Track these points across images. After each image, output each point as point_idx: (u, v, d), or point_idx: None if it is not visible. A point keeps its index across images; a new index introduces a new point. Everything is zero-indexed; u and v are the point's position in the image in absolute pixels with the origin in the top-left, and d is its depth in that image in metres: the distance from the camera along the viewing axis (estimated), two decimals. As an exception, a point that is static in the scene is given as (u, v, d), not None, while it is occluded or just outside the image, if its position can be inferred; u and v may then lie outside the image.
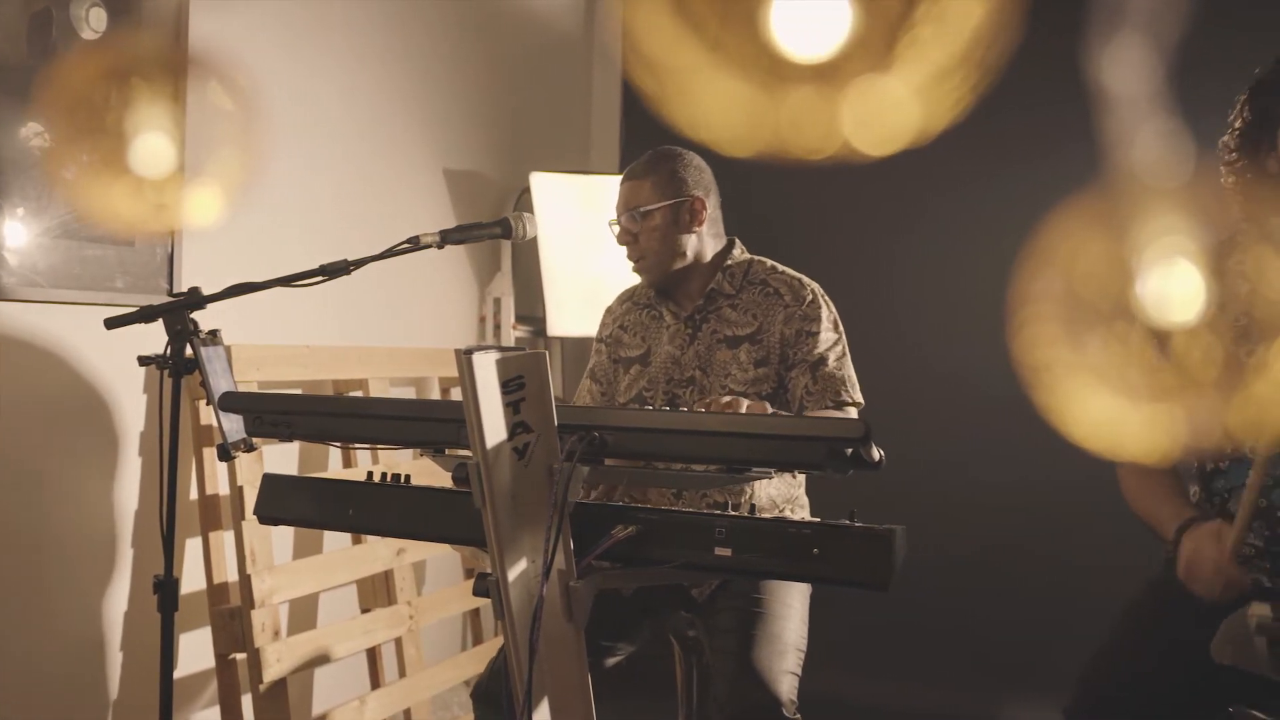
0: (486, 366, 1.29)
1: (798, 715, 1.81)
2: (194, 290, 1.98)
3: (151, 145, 2.35)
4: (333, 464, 2.98)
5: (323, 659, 2.64)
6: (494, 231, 1.99)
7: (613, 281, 2.36)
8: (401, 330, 3.29)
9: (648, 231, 2.16)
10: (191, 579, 2.58)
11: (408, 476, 1.60)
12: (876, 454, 1.34)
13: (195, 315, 1.99)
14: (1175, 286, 1.44)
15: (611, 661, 2.07)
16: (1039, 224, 2.03)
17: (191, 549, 2.61)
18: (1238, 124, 1.80)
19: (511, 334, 3.57)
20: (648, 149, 2.26)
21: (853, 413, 2.09)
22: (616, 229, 2.22)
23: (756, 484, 2.06)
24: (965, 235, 3.29)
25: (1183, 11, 1.61)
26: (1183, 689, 1.61)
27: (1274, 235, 1.64)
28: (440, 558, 3.30)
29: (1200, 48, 1.82)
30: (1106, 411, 1.43)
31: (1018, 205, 2.20)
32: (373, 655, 2.91)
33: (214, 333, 1.98)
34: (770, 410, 1.86)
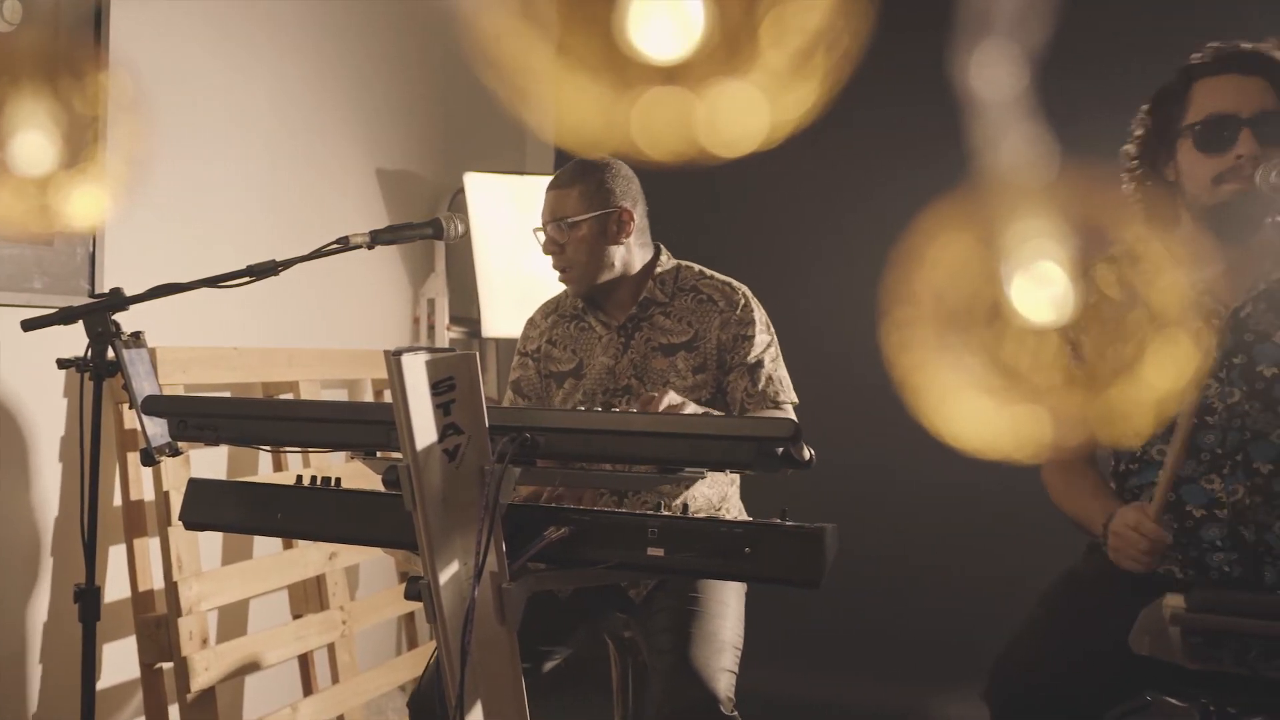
0: (416, 368, 1.28)
1: (735, 713, 1.82)
2: (116, 291, 1.94)
3: (69, 142, 2.29)
4: (263, 468, 2.93)
5: (253, 666, 2.59)
6: (425, 232, 1.97)
7: (548, 283, 2.35)
8: (334, 332, 3.25)
9: (575, 242, 2.14)
10: (115, 588, 2.52)
11: (338, 480, 1.58)
12: (807, 453, 1.36)
13: (118, 317, 1.94)
14: (1041, 288, 1.47)
15: (549, 665, 2.06)
16: (908, 226, 2.08)
17: (115, 557, 2.55)
18: (1139, 133, 1.85)
19: (446, 335, 3.55)
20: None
21: (790, 412, 2.11)
22: (542, 237, 2.20)
23: (691, 485, 2.07)
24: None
25: (1047, 14, 1.65)
26: (1098, 673, 1.65)
27: (1167, 241, 1.69)
28: (374, 561, 3.26)
29: (1065, 51, 1.87)
30: (976, 412, 1.46)
31: (890, 206, 2.24)
32: (305, 661, 2.87)
33: (137, 335, 1.93)
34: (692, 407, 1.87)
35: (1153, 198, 1.84)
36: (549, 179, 2.25)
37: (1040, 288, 1.45)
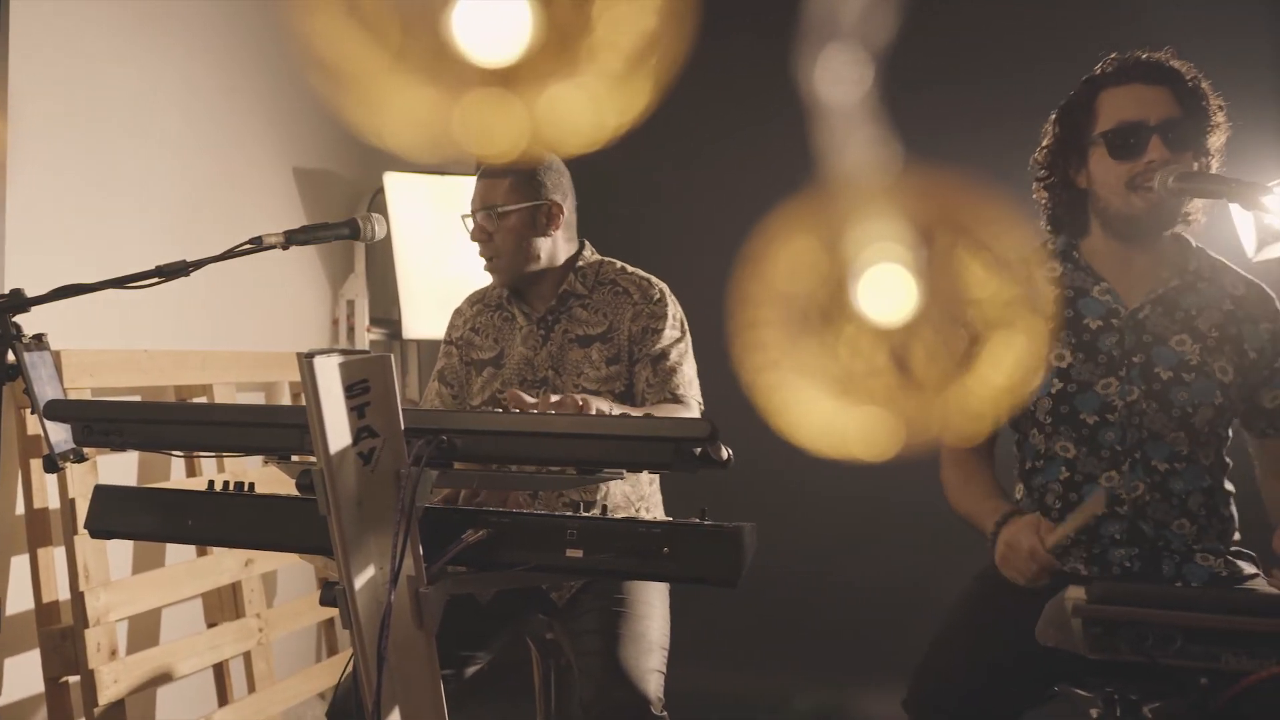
0: (329, 370, 1.26)
1: (665, 713, 1.83)
2: (16, 292, 1.87)
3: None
4: (176, 474, 2.86)
5: (165, 678, 2.53)
6: (342, 232, 1.94)
7: (469, 283, 2.34)
8: (250, 334, 3.18)
9: (503, 231, 2.14)
10: (18, 599, 2.43)
11: (252, 485, 1.55)
12: (725, 453, 1.37)
13: (19, 319, 1.87)
14: (887, 289, 1.51)
15: (471, 670, 2.05)
16: (755, 227, 2.13)
17: (18, 567, 2.46)
18: (1047, 142, 1.91)
19: (366, 337, 3.50)
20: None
21: (694, 407, 2.12)
22: (470, 224, 2.20)
23: (610, 483, 2.07)
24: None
25: (890, 18, 1.70)
26: (1013, 674, 1.69)
27: (1003, 242, 1.74)
28: (292, 567, 3.20)
29: (909, 54, 1.92)
30: (823, 413, 1.49)
31: (738, 207, 2.27)
32: (220, 671, 2.80)
33: (39, 337, 1.87)
34: (611, 408, 1.87)
35: (1063, 204, 1.90)
36: (471, 179, 2.24)
37: (886, 288, 1.48)
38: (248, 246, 1.85)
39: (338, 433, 1.28)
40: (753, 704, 3.16)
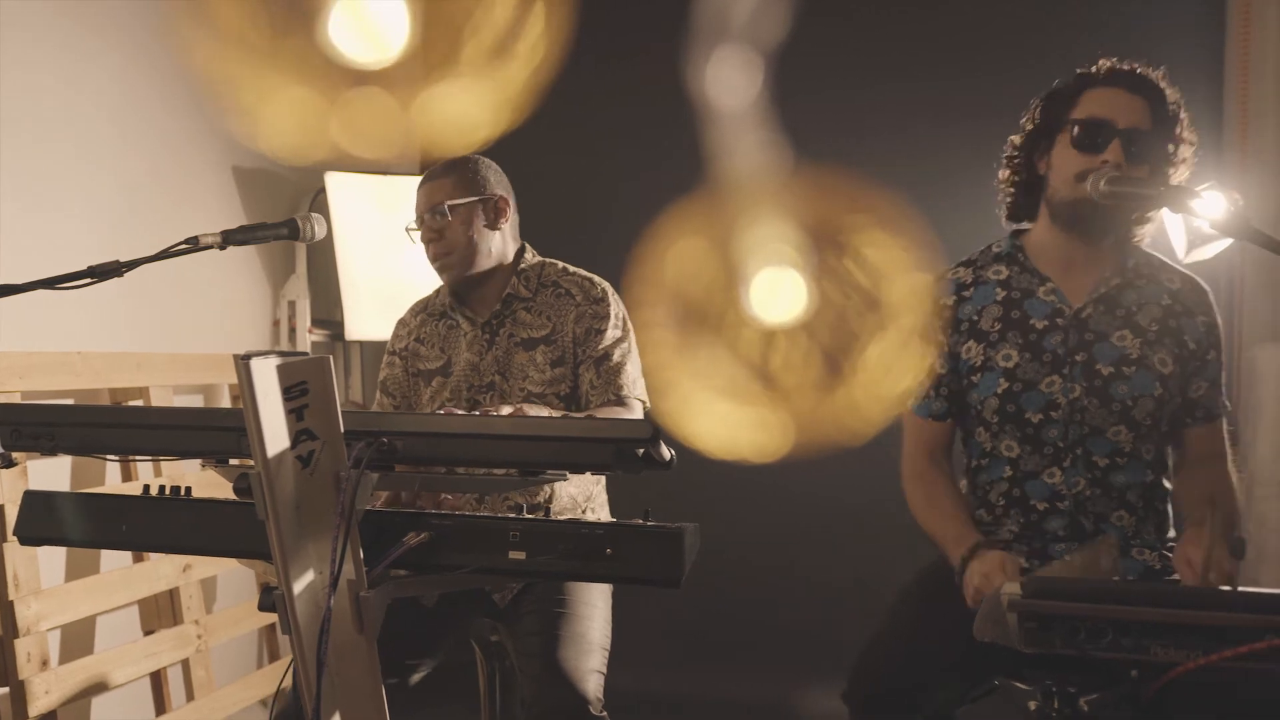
0: (266, 372, 1.25)
1: (604, 713, 1.83)
2: (-59, 293, 1.82)
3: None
4: (111, 478, 2.80)
5: (100, 687, 2.47)
6: (280, 232, 1.91)
7: (413, 284, 2.32)
8: (188, 335, 3.13)
9: (453, 228, 2.14)
10: (-55, 608, 2.36)
11: (188, 489, 1.53)
12: (667, 453, 1.38)
13: (-56, 320, 1.82)
14: (777, 291, 1.53)
15: (416, 678, 2.03)
16: (646, 229, 2.15)
17: (-55, 575, 2.39)
18: (1028, 125, 1.93)
19: (308, 338, 3.46)
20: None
21: (638, 408, 2.12)
22: (416, 233, 2.19)
23: (555, 484, 2.07)
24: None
25: (780, 23, 1.72)
26: (952, 668, 1.72)
27: (898, 244, 1.76)
28: (232, 573, 3.15)
29: (799, 58, 1.94)
30: (715, 413, 1.51)
31: (629, 208, 2.29)
32: (157, 679, 2.75)
33: (-34, 339, 1.82)
34: (550, 412, 1.88)
35: (1022, 187, 1.93)
36: (414, 179, 2.23)
37: (776, 290, 1.51)
38: (183, 247, 1.82)
39: (275, 436, 1.26)
40: (695, 703, 3.18)
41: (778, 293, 1.52)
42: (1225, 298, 3.10)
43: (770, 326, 1.60)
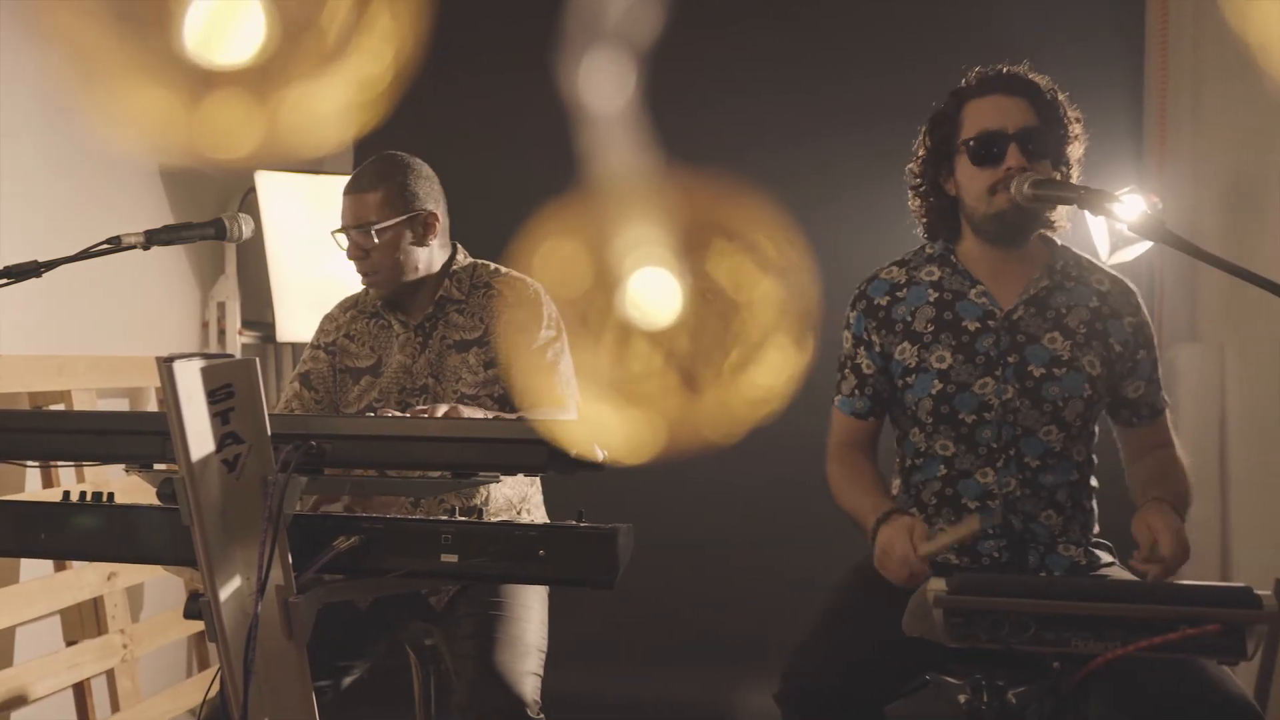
0: (190, 375, 1.22)
1: (541, 715, 1.83)
2: None
3: None
4: (32, 485, 2.72)
5: (19, 700, 2.41)
6: (207, 232, 1.87)
7: (346, 284, 2.28)
8: (114, 337, 3.05)
9: (380, 248, 2.09)
10: None
11: (111, 495, 1.49)
12: (599, 454, 1.38)
13: None
14: (653, 292, 1.55)
15: (349, 681, 2.00)
16: (518, 230, 2.17)
17: None
18: (920, 152, 1.97)
19: (238, 340, 3.40)
20: (382, 148, 2.20)
21: (571, 409, 2.12)
22: (344, 240, 2.14)
23: (490, 486, 2.06)
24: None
25: (653, 24, 1.74)
26: (884, 664, 1.74)
27: (767, 246, 1.79)
28: (159, 580, 3.08)
29: (673, 56, 1.96)
30: (593, 415, 1.52)
31: (498, 210, 2.30)
32: (80, 691, 2.68)
33: (-125, 342, 1.76)
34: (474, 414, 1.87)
35: (936, 212, 1.96)
36: (346, 179, 2.18)
37: (649, 292, 1.52)
38: (105, 247, 1.78)
39: (200, 439, 1.24)
40: (632, 703, 3.18)
41: (652, 294, 1.53)
42: (1146, 298, 3.17)
43: (645, 328, 1.61)
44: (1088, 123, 1.94)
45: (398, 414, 1.75)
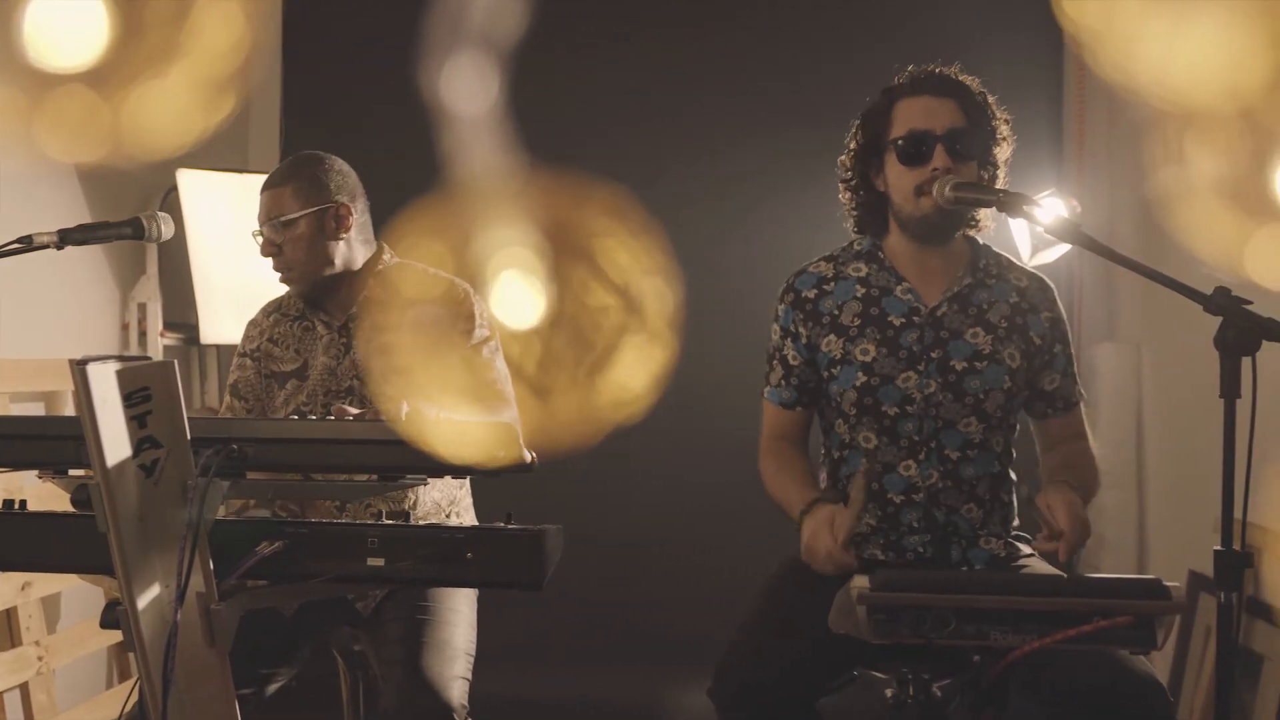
0: (104, 378, 1.20)
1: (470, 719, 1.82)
2: None
3: None
4: (-60, 492, 2.63)
5: (-73, 716, 2.32)
6: (124, 232, 1.83)
7: (272, 285, 2.24)
8: (30, 340, 2.96)
9: (292, 241, 2.07)
10: None
11: (24, 502, 1.46)
12: (528, 455, 1.38)
13: None
14: (515, 294, 1.56)
15: (273, 688, 1.97)
16: (380, 233, 2.18)
17: None
18: (852, 146, 2.00)
19: (159, 342, 3.32)
20: (311, 146, 2.18)
21: (512, 408, 2.11)
22: (260, 240, 2.12)
23: (418, 489, 2.04)
24: None
25: (515, 24, 1.76)
26: (813, 660, 1.76)
27: (637, 249, 1.82)
28: (77, 589, 2.99)
29: (535, 59, 1.98)
30: (448, 417, 1.52)
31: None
32: (-7, 706, 2.60)
33: None
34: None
35: (866, 206, 1.99)
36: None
37: (516, 293, 1.53)
38: (15, 246, 1.73)
39: (116, 444, 1.22)
40: (565, 704, 3.18)
41: (517, 296, 1.54)
42: (1066, 299, 3.25)
43: (511, 330, 1.62)
44: (1014, 129, 1.99)
45: (355, 412, 1.72)
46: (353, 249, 2.13)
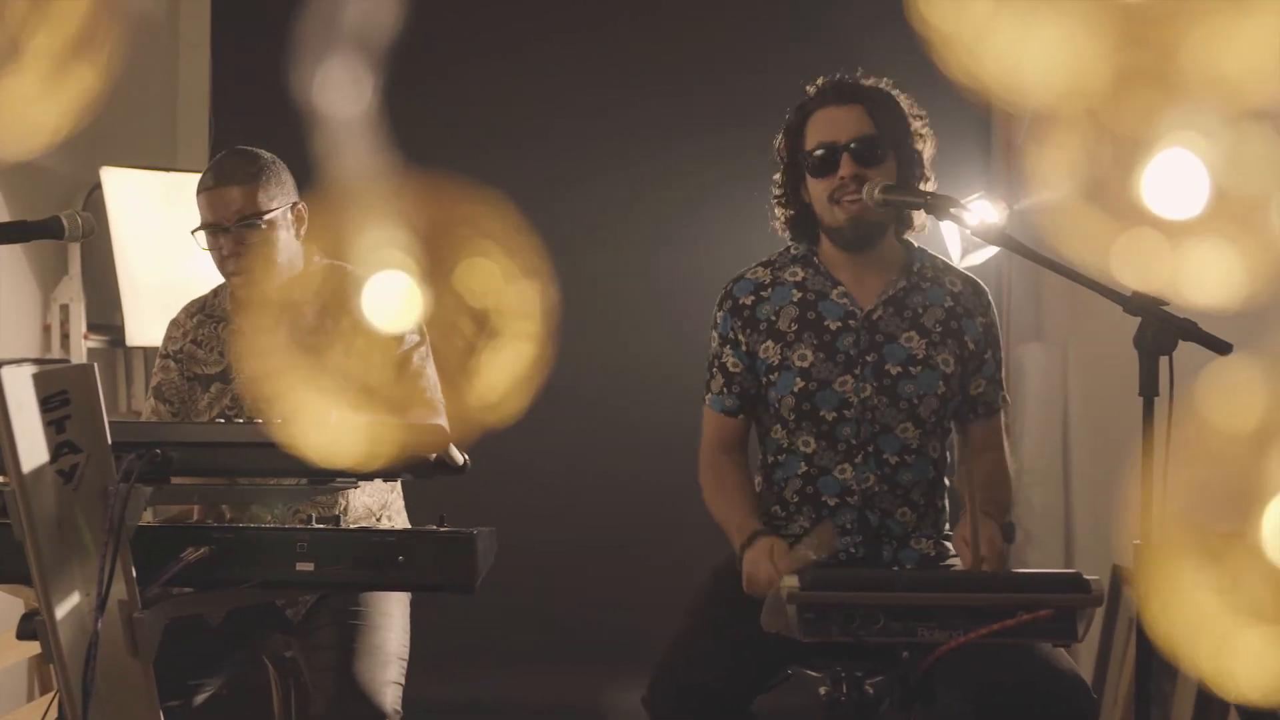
0: (20, 382, 1.17)
1: (404, 724, 1.81)
2: None
3: None
4: None
5: None
6: (42, 231, 1.77)
7: (201, 285, 2.20)
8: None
9: (264, 242, 1.99)
10: None
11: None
12: (460, 458, 1.37)
13: None
14: (390, 295, 1.56)
15: (201, 698, 1.94)
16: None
17: None
18: (780, 163, 2.02)
19: (83, 344, 3.24)
20: (243, 144, 2.13)
21: (442, 413, 2.09)
22: (204, 240, 2.05)
23: (349, 493, 2.02)
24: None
25: (390, 25, 1.76)
26: (747, 661, 1.77)
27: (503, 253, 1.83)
28: (-4, 599, 2.91)
29: (409, 61, 1.99)
30: (322, 420, 1.51)
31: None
32: (-93, 720, 2.51)
33: None
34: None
35: (797, 219, 2.02)
36: (199, 175, 2.10)
37: (387, 296, 1.53)
38: (-72, 246, 1.67)
39: (32, 449, 1.19)
40: (498, 708, 3.17)
41: (390, 299, 1.53)
42: (995, 299, 3.32)
43: (381, 333, 1.62)
44: (940, 130, 2.02)
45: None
46: (300, 249, 2.09)
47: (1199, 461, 1.25)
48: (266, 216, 1.99)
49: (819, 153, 1.89)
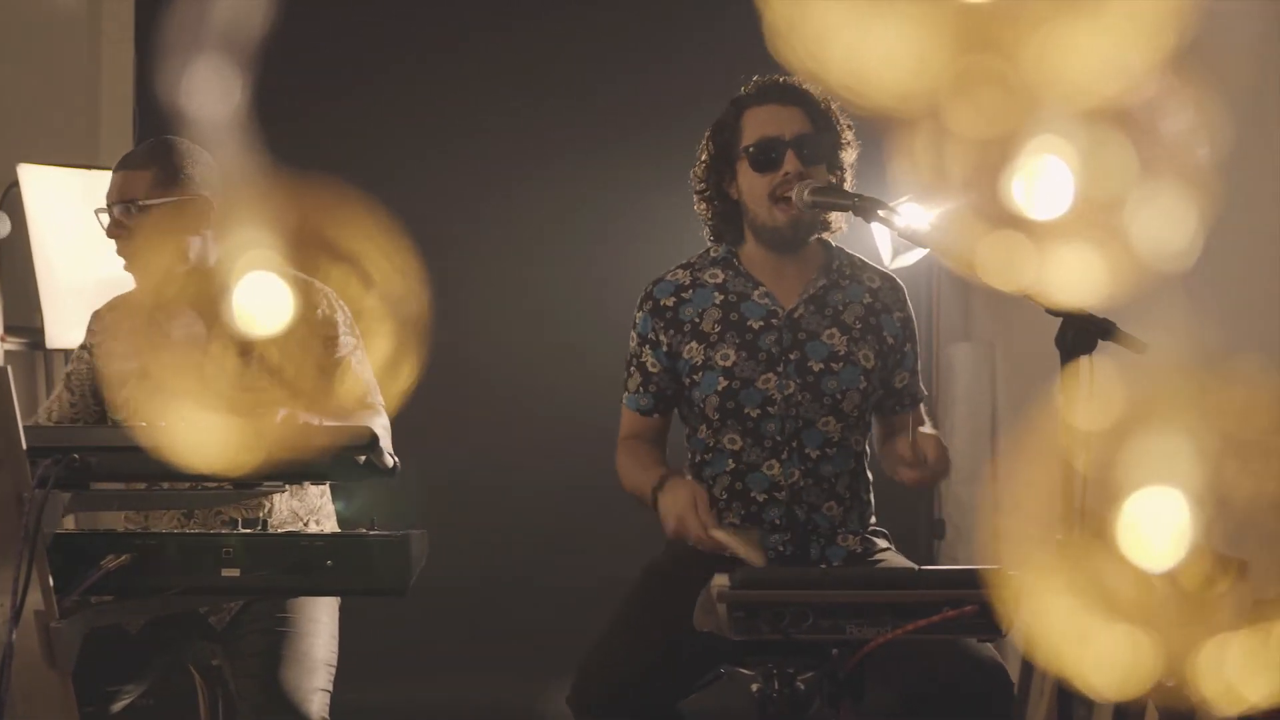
0: (-72, 386, 1.13)
1: (330, 732, 1.79)
2: None
3: None
4: None
5: None
6: (-49, 229, 1.73)
7: (125, 286, 2.15)
8: None
9: (145, 229, 1.98)
10: None
11: None
12: (390, 460, 1.36)
13: None
14: (258, 297, 1.57)
15: (118, 706, 1.89)
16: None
17: None
18: (704, 157, 2.04)
19: (0, 347, 3.15)
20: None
21: (382, 414, 2.06)
22: (106, 219, 2.02)
23: (275, 497, 1.98)
24: None
25: (261, 25, 1.77)
26: (675, 660, 1.78)
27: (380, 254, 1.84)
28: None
29: (280, 63, 2.00)
30: (201, 426, 1.51)
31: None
32: None
33: None
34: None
35: (721, 216, 2.03)
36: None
37: (255, 297, 1.53)
38: None
39: (-59, 455, 1.15)
40: (428, 712, 3.14)
41: (258, 300, 1.53)
42: (925, 300, 3.38)
43: (253, 336, 1.61)
44: (875, 133, 2.05)
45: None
46: (208, 247, 2.05)
47: (1056, 464, 1.29)
48: (144, 202, 1.96)
49: (762, 147, 1.91)
